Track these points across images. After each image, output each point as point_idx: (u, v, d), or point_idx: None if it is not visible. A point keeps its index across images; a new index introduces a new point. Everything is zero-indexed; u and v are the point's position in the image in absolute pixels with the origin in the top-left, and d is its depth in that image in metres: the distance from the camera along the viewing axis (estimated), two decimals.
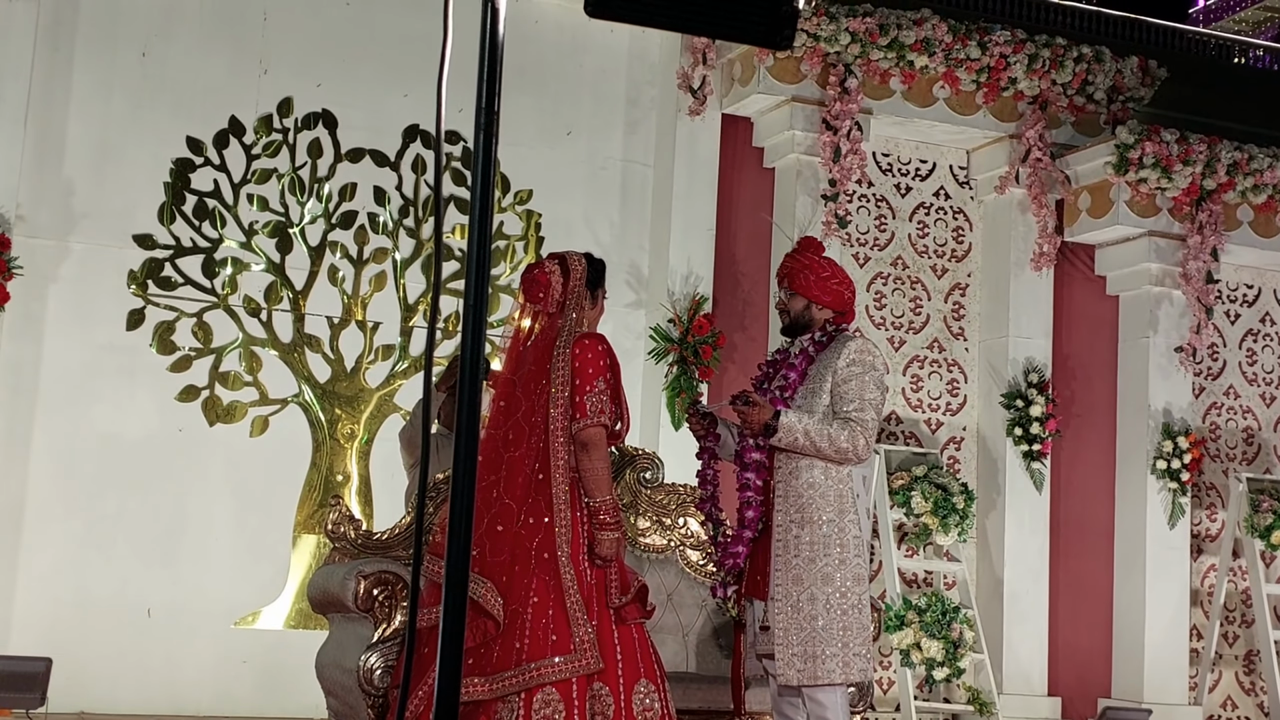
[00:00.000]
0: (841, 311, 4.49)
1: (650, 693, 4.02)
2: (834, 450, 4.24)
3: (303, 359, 7.49)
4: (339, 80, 7.66)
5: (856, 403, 4.29)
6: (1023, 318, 8.58)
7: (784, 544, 4.27)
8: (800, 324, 4.48)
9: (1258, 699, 8.91)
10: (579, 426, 4.02)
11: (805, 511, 4.26)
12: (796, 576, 4.24)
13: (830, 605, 4.23)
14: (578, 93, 8.20)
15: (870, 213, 8.67)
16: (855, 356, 4.34)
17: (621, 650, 4.00)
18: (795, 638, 4.22)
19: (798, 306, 4.48)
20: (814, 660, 4.20)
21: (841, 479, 4.30)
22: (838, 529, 4.26)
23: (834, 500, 4.28)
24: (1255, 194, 8.64)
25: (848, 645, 4.24)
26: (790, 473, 4.29)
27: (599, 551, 4.01)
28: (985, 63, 8.31)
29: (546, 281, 4.18)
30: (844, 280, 4.51)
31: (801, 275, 4.46)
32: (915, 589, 8.32)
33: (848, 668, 4.23)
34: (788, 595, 4.23)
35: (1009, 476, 8.42)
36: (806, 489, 4.27)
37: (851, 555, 4.28)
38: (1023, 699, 8.22)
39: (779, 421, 4.25)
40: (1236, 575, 8.85)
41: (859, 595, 4.28)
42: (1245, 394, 9.25)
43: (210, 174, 7.40)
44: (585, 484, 4.03)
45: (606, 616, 4.01)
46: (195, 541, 7.21)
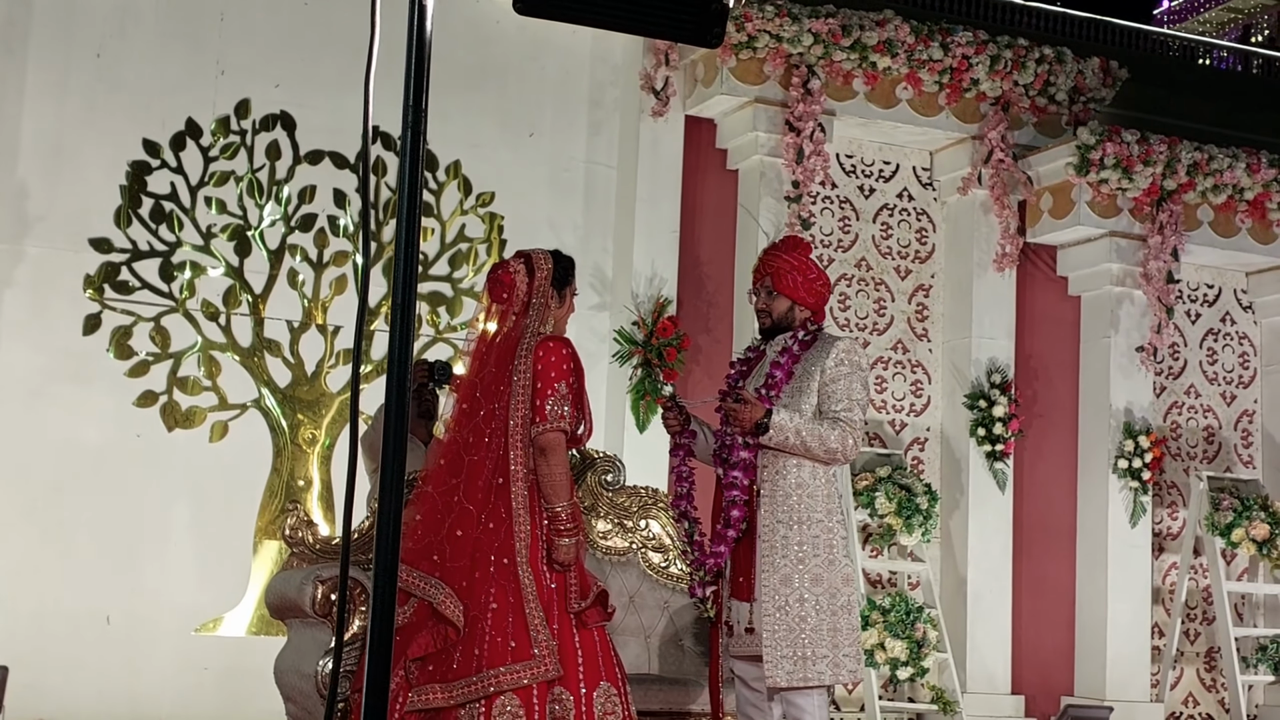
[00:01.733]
0: (817, 310, 4.47)
1: (611, 696, 3.99)
2: (824, 450, 4.22)
3: (262, 363, 7.44)
4: (297, 81, 7.60)
5: (845, 402, 4.27)
6: (985, 318, 8.60)
7: (771, 545, 4.23)
8: (782, 325, 4.43)
9: (1219, 695, 8.96)
10: (538, 431, 3.96)
11: (794, 512, 4.23)
12: (785, 577, 4.21)
13: (820, 606, 4.20)
14: (540, 94, 8.17)
15: (834, 214, 8.68)
16: (844, 356, 4.32)
17: (583, 654, 3.97)
18: (784, 639, 4.18)
19: (781, 308, 4.42)
20: (804, 662, 4.17)
21: (829, 479, 4.30)
22: (826, 529, 4.24)
23: (822, 501, 4.26)
24: (1215, 194, 8.69)
25: (838, 646, 4.21)
26: (777, 472, 4.26)
27: (556, 558, 3.97)
28: (948, 64, 8.33)
29: (511, 281, 4.12)
30: (826, 281, 4.50)
31: (789, 276, 4.40)
32: (879, 589, 8.33)
33: (837, 669, 4.21)
34: (776, 596, 4.20)
35: (972, 477, 8.44)
36: (795, 489, 4.25)
37: (840, 556, 4.26)
38: (986, 698, 8.24)
39: (771, 420, 4.21)
40: (1198, 573, 8.90)
41: (848, 596, 4.25)
42: (1206, 393, 9.30)
43: (167, 176, 7.34)
44: (543, 489, 3.98)
45: (567, 621, 3.98)
46: (155, 548, 7.14)
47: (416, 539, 3.94)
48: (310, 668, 4.49)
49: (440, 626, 3.87)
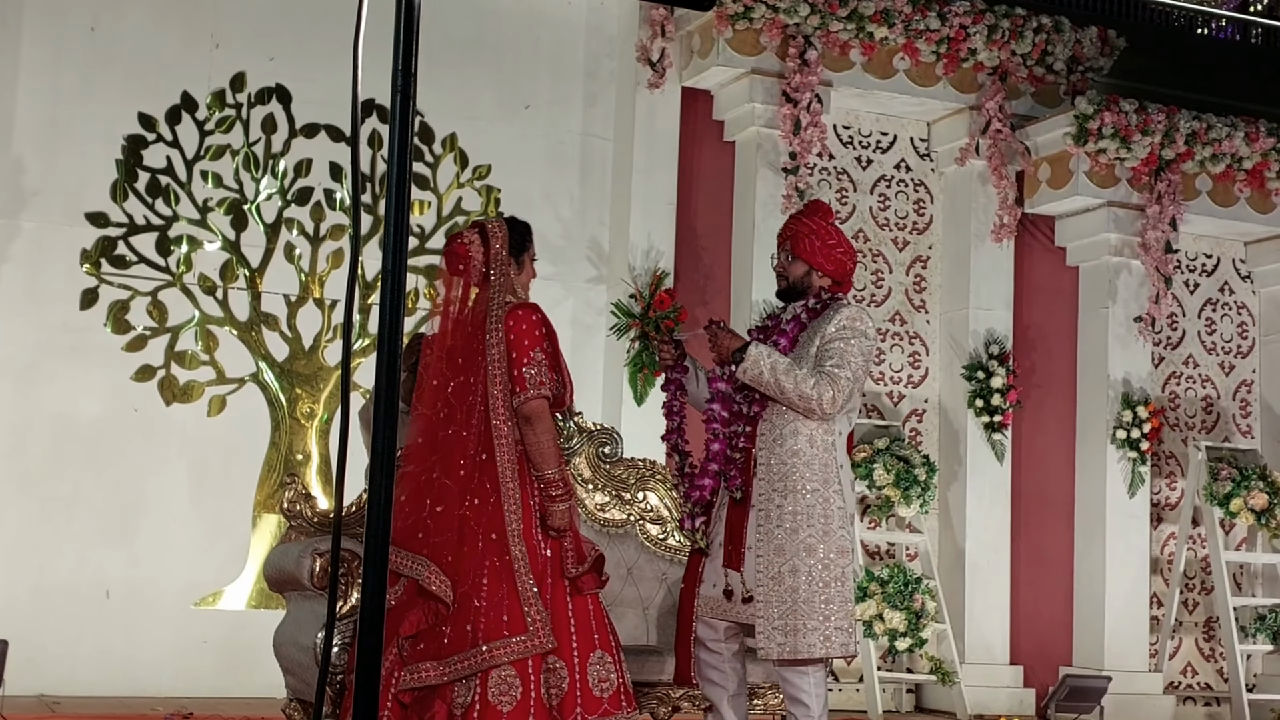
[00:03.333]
0: (840, 281, 4.40)
1: (606, 663, 3.99)
2: (797, 395, 4.15)
3: (260, 337, 7.43)
4: (292, 54, 7.57)
5: (836, 359, 4.20)
6: (983, 289, 8.59)
7: (765, 513, 4.20)
8: (797, 289, 4.38)
9: (1217, 665, 8.99)
10: (520, 400, 3.95)
11: (789, 480, 4.18)
12: (779, 547, 4.18)
13: (813, 577, 4.15)
14: (535, 67, 8.14)
15: (831, 186, 8.66)
16: (847, 322, 4.26)
17: (576, 622, 3.97)
18: (776, 610, 4.15)
19: (798, 271, 4.37)
20: (795, 634, 4.13)
21: (826, 448, 4.22)
22: (822, 499, 4.19)
23: (819, 470, 4.20)
24: (1214, 163, 8.67)
25: (829, 619, 4.16)
26: (774, 440, 4.21)
27: (551, 524, 3.97)
28: (945, 33, 8.29)
29: (465, 252, 4.10)
30: (848, 250, 4.42)
31: (807, 240, 4.35)
32: (878, 561, 8.35)
33: (829, 642, 4.16)
34: (769, 566, 4.17)
35: (970, 448, 8.45)
36: (790, 457, 4.20)
37: (835, 527, 4.20)
38: (985, 668, 8.26)
39: (746, 351, 4.17)
40: (1196, 543, 8.91)
41: (842, 568, 4.20)
42: (1204, 363, 9.30)
43: (163, 150, 7.32)
44: (532, 458, 3.97)
45: (561, 588, 3.98)
46: (154, 522, 7.15)
47: (402, 518, 3.93)
48: (309, 640, 4.50)
49: (430, 603, 3.87)
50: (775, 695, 4.98)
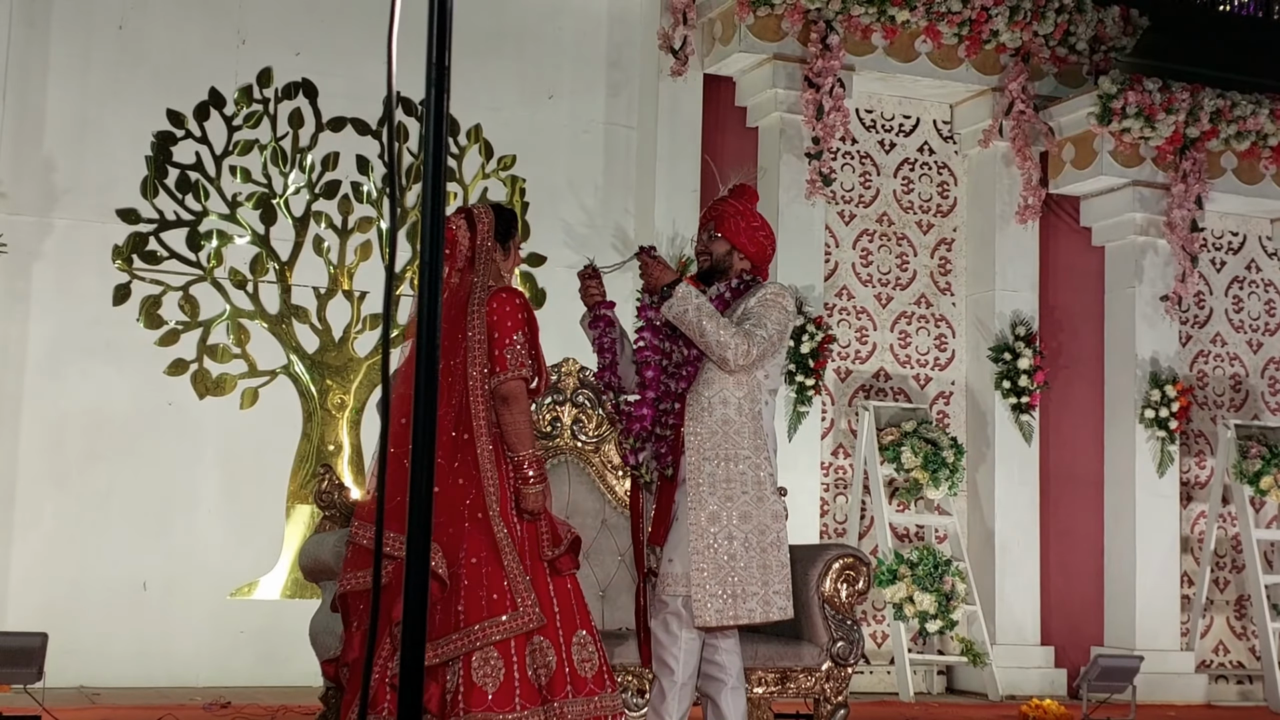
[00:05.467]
0: (759, 265, 4.46)
1: (588, 643, 4.00)
2: (715, 339, 4.19)
3: (290, 330, 7.50)
4: (318, 49, 7.63)
5: (755, 319, 4.27)
6: (1009, 271, 8.60)
7: (698, 483, 4.22)
8: (719, 269, 4.43)
9: (1249, 643, 8.98)
10: (498, 380, 3.97)
11: (720, 449, 4.22)
12: (713, 515, 4.20)
13: (749, 544, 4.20)
14: (558, 56, 8.18)
15: (855, 170, 8.67)
16: (769, 296, 4.33)
17: (558, 603, 3.98)
18: (712, 577, 4.17)
19: (720, 250, 4.43)
20: (734, 600, 4.16)
21: (754, 416, 4.27)
22: (753, 466, 4.23)
23: (749, 438, 4.24)
24: (1239, 141, 8.64)
25: (768, 584, 4.20)
26: (703, 408, 4.25)
27: (525, 506, 3.98)
28: (967, 15, 8.29)
29: (451, 237, 4.12)
30: (770, 236, 4.49)
31: (732, 220, 4.42)
32: (907, 543, 8.37)
33: (768, 606, 4.20)
34: (703, 534, 4.19)
35: (998, 429, 8.46)
36: (721, 425, 4.23)
37: (769, 493, 4.25)
38: (1016, 649, 8.28)
39: (676, 288, 4.22)
40: (1226, 521, 8.91)
41: (777, 533, 4.24)
42: (1232, 341, 9.28)
43: (192, 146, 7.39)
44: (507, 439, 3.99)
45: (540, 569, 3.99)
46: (188, 514, 7.23)
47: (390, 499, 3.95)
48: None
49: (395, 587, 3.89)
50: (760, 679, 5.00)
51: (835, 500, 8.41)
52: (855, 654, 5.04)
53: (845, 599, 5.06)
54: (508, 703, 3.81)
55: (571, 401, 5.41)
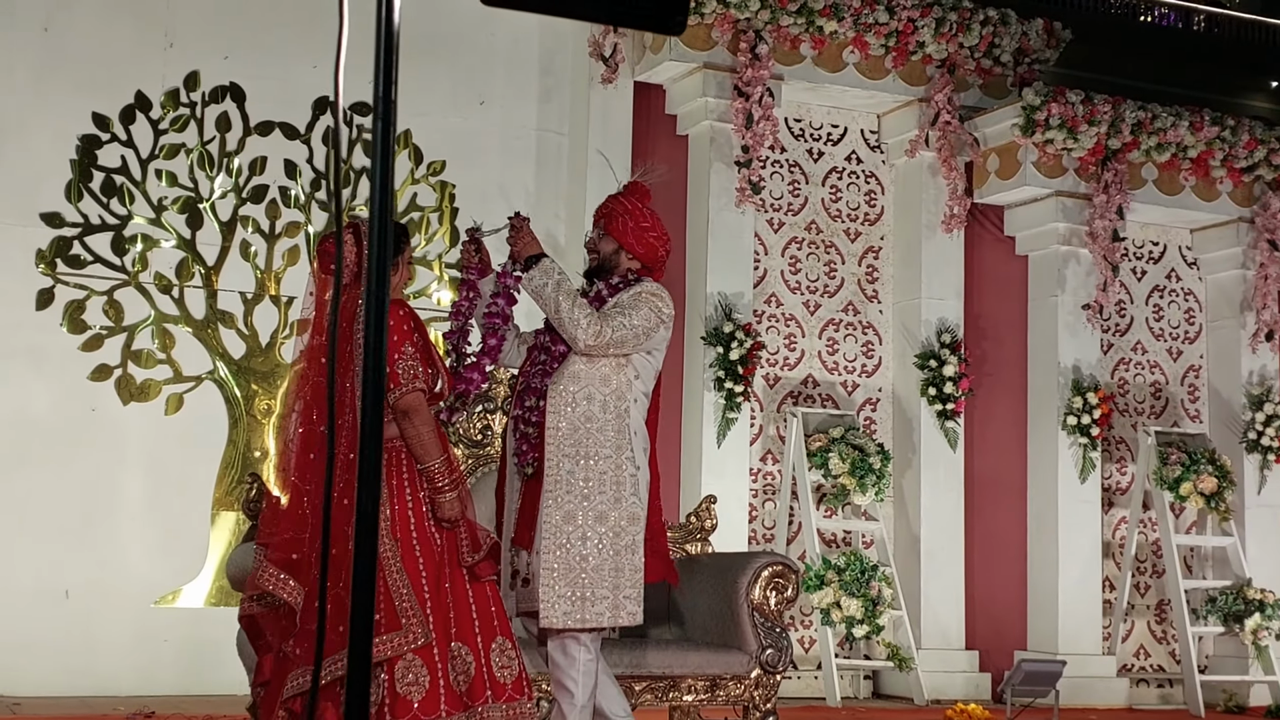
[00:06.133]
0: (650, 266, 4.40)
1: (507, 651, 3.97)
2: (568, 318, 4.15)
3: (216, 335, 7.43)
4: (246, 52, 7.56)
5: (616, 309, 4.23)
6: (934, 279, 8.70)
7: (555, 480, 4.15)
8: (605, 267, 4.38)
9: (1169, 647, 9.15)
10: (395, 396, 3.89)
11: (580, 446, 4.16)
12: (569, 514, 4.14)
13: (603, 545, 4.13)
14: (490, 62, 8.17)
15: (784, 178, 8.73)
16: (643, 291, 4.28)
17: (477, 609, 3.96)
18: (563, 578, 4.10)
19: (607, 248, 4.38)
20: (582, 602, 4.10)
21: (620, 414, 4.21)
22: (614, 466, 4.17)
23: (611, 436, 4.19)
24: (1159, 152, 8.80)
25: (619, 588, 4.14)
26: (566, 403, 4.19)
27: (441, 515, 3.93)
28: (894, 27, 8.38)
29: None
30: (662, 235, 4.42)
31: (621, 219, 4.37)
32: (834, 549, 8.44)
33: (617, 610, 4.13)
34: (558, 533, 4.12)
35: (924, 436, 8.55)
36: (583, 422, 4.18)
37: (627, 494, 4.18)
38: (941, 653, 8.37)
39: (541, 262, 4.19)
40: (1147, 527, 9.06)
41: (633, 536, 4.17)
42: (1152, 349, 9.45)
43: (117, 150, 7.30)
44: (413, 452, 3.92)
45: (459, 576, 3.95)
46: (112, 521, 7.14)
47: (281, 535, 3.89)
48: None
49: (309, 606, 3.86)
50: (686, 687, 5.03)
51: (764, 506, 8.46)
52: (784, 661, 5.08)
53: (774, 606, 5.10)
54: (433, 709, 3.79)
55: (503, 410, 5.41)
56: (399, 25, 1.26)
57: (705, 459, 8.02)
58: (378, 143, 1.22)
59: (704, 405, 8.07)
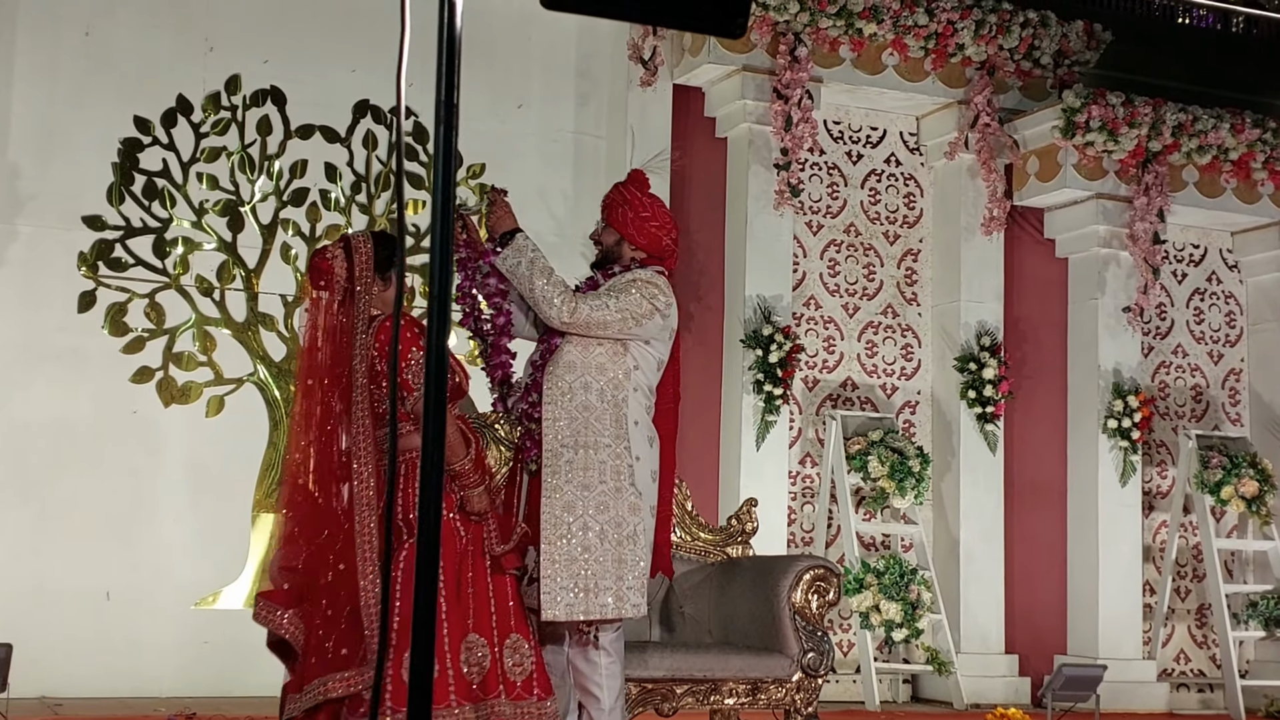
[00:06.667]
0: (656, 255, 4.28)
1: (522, 648, 3.93)
2: (541, 295, 4.06)
3: (257, 338, 7.46)
4: (286, 56, 7.60)
5: (605, 290, 4.14)
6: (974, 282, 8.66)
7: (554, 470, 4.06)
8: (610, 259, 4.30)
9: (1210, 651, 9.07)
10: (412, 402, 3.83)
11: (579, 436, 4.07)
12: (569, 504, 4.05)
13: (605, 535, 4.03)
14: (527, 65, 8.18)
15: (822, 181, 8.71)
16: (636, 277, 4.18)
17: (496, 603, 3.91)
18: (564, 570, 4.01)
19: (609, 240, 4.30)
20: (585, 594, 4.00)
21: (618, 403, 4.12)
22: (613, 455, 4.08)
23: (610, 425, 4.09)
24: (1200, 155, 8.74)
25: (622, 579, 4.04)
26: (563, 393, 4.11)
27: (471, 509, 3.90)
28: (933, 29, 8.35)
29: (328, 268, 3.95)
30: (664, 223, 4.29)
31: (620, 209, 4.26)
32: (873, 552, 8.41)
33: (622, 602, 4.04)
34: (558, 524, 4.03)
35: (963, 439, 8.51)
36: (581, 411, 4.09)
37: (627, 483, 4.09)
38: (980, 658, 8.33)
39: (515, 239, 4.11)
40: (1187, 531, 9.00)
41: (634, 526, 4.08)
42: (1193, 352, 9.38)
43: (158, 153, 7.34)
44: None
45: (482, 568, 3.91)
46: (153, 523, 7.18)
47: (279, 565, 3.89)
48: None
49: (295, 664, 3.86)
50: (719, 691, 5.02)
51: (802, 509, 8.44)
52: (825, 665, 5.07)
53: (816, 610, 5.08)
54: (443, 699, 3.75)
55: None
56: (461, 30, 1.26)
57: (744, 462, 8.01)
58: (439, 148, 1.22)
59: (743, 408, 8.05)
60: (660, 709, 4.89)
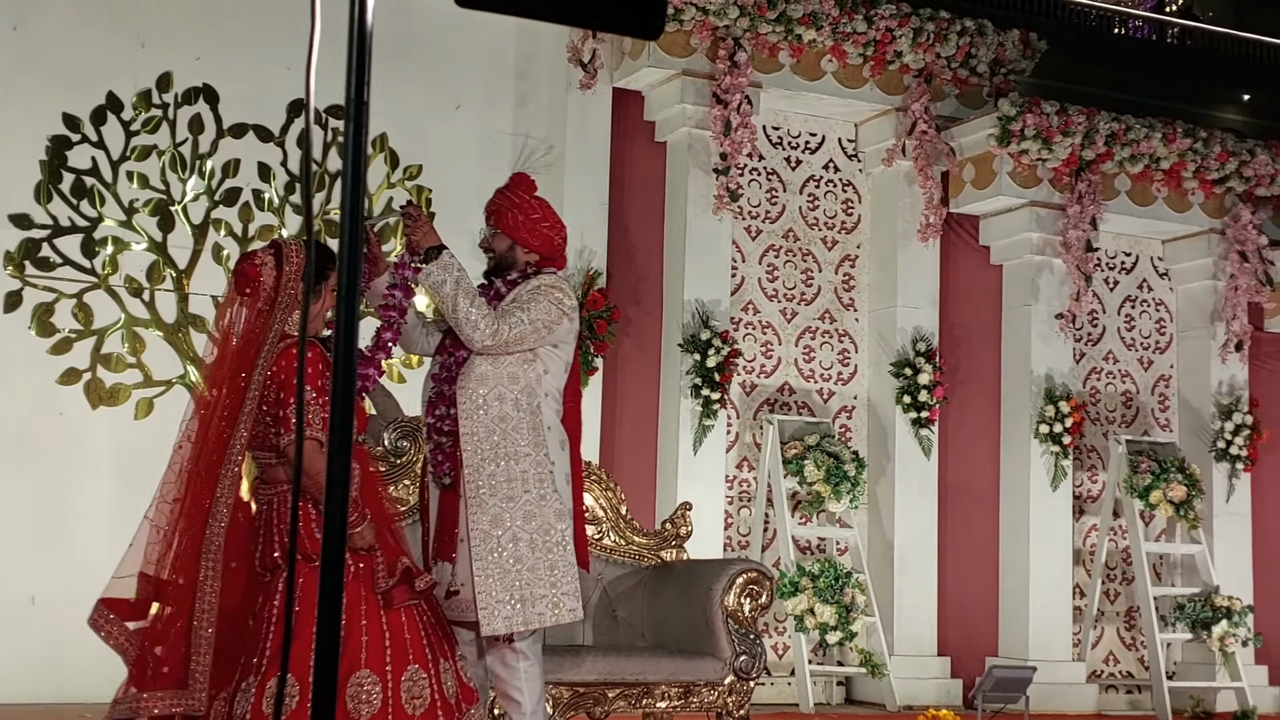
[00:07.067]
0: (549, 256, 4.29)
1: (420, 679, 3.81)
2: (465, 318, 4.05)
3: (187, 339, 7.37)
4: (219, 54, 7.51)
5: (514, 304, 4.14)
6: (910, 288, 8.71)
7: (477, 485, 4.05)
8: (503, 265, 4.29)
9: (1138, 653, 9.18)
10: (285, 442, 3.73)
11: (498, 448, 4.06)
12: (496, 518, 4.04)
13: (535, 544, 4.04)
14: (466, 66, 8.14)
15: (761, 186, 8.73)
16: (541, 284, 4.19)
17: (390, 637, 3.80)
18: (499, 583, 4.01)
19: (501, 246, 4.28)
20: (523, 604, 4.01)
21: (533, 411, 4.12)
22: (535, 464, 4.08)
23: (528, 434, 4.09)
24: (1132, 164, 8.85)
25: (557, 585, 4.06)
26: (478, 406, 4.08)
27: (354, 545, 3.76)
28: (871, 36, 8.40)
29: (256, 275, 3.80)
30: (555, 224, 4.31)
31: (510, 214, 4.25)
32: (809, 556, 8.44)
33: (558, 608, 4.06)
34: (486, 539, 4.03)
35: (898, 443, 8.56)
36: (498, 424, 4.08)
37: (550, 490, 4.10)
38: (913, 660, 8.38)
39: (440, 256, 4.07)
40: (1117, 534, 9.10)
41: (562, 531, 4.09)
42: (1124, 359, 9.49)
43: (88, 151, 7.23)
44: (312, 494, 3.69)
45: (374, 603, 3.81)
46: (80, 527, 7.07)
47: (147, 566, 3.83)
48: None
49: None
50: (657, 693, 5.02)
51: (739, 513, 8.45)
52: (758, 668, 5.07)
53: (748, 613, 5.09)
54: None
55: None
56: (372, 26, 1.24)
57: (681, 466, 8.01)
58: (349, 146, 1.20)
59: (680, 412, 8.05)
60: (592, 712, 4.88)
